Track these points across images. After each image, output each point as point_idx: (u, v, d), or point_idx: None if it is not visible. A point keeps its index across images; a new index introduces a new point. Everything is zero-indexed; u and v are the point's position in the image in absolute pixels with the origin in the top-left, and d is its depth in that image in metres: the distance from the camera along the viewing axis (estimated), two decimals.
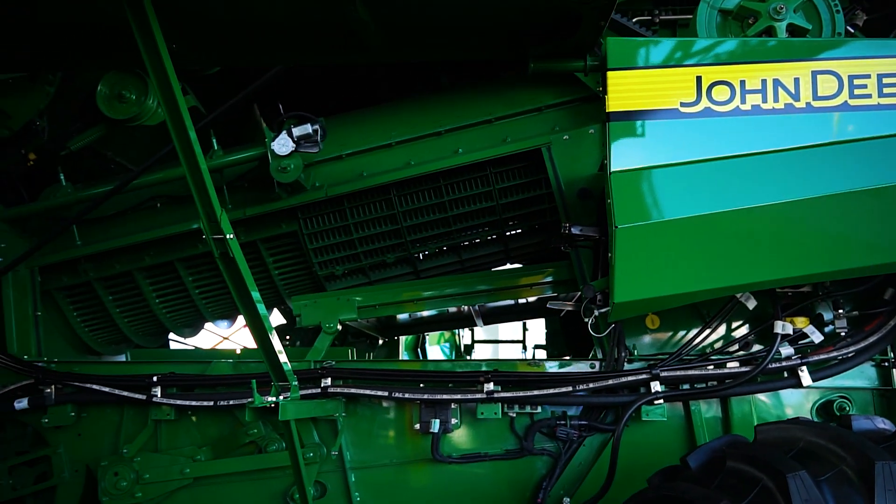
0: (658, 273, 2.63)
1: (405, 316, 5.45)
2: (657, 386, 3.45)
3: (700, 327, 3.59)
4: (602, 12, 2.74)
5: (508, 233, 4.12)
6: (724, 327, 3.64)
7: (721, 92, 2.67)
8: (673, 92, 2.66)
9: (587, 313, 3.25)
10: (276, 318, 5.81)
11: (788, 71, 2.67)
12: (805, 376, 3.40)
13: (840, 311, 3.49)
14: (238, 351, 4.83)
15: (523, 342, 7.33)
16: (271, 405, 2.80)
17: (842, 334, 3.48)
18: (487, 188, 3.88)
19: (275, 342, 2.81)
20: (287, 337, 5.64)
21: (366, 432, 3.79)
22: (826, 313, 3.50)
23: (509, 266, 4.58)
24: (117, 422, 3.86)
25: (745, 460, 2.42)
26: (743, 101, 2.66)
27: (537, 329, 6.99)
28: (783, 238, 2.68)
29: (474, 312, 4.94)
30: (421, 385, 3.66)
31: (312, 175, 3.87)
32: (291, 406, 2.86)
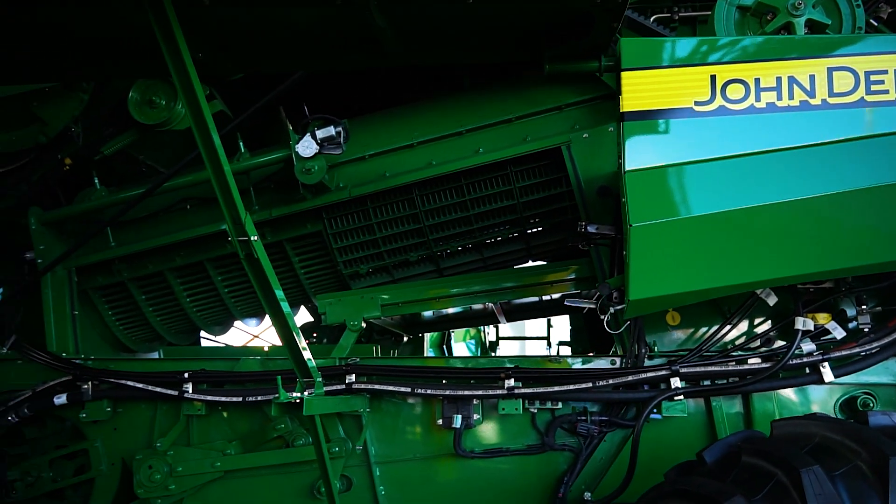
0: (672, 270, 2.65)
1: (429, 313, 5.51)
2: (677, 382, 3.48)
3: (720, 324, 3.60)
4: (614, 14, 2.78)
5: (530, 230, 4.15)
6: (745, 324, 3.65)
7: (735, 90, 2.68)
8: (687, 91, 2.68)
9: (603, 310, 3.28)
10: (304, 316, 5.92)
11: (803, 68, 2.67)
12: (827, 372, 3.39)
13: (863, 307, 3.48)
14: (266, 348, 4.95)
15: (548, 339, 7.36)
16: (296, 401, 2.88)
17: (865, 330, 3.47)
18: (508, 187, 3.92)
19: (299, 340, 2.89)
20: (314, 334, 5.74)
21: (390, 427, 3.87)
22: (849, 309, 3.49)
23: (532, 263, 4.62)
24: (151, 416, 3.98)
25: (760, 455, 2.44)
26: (758, 99, 2.67)
27: (562, 326, 7.02)
28: (799, 235, 2.69)
29: (497, 310, 4.98)
30: (443, 381, 3.72)
31: (336, 176, 3.94)
32: (315, 402, 2.94)
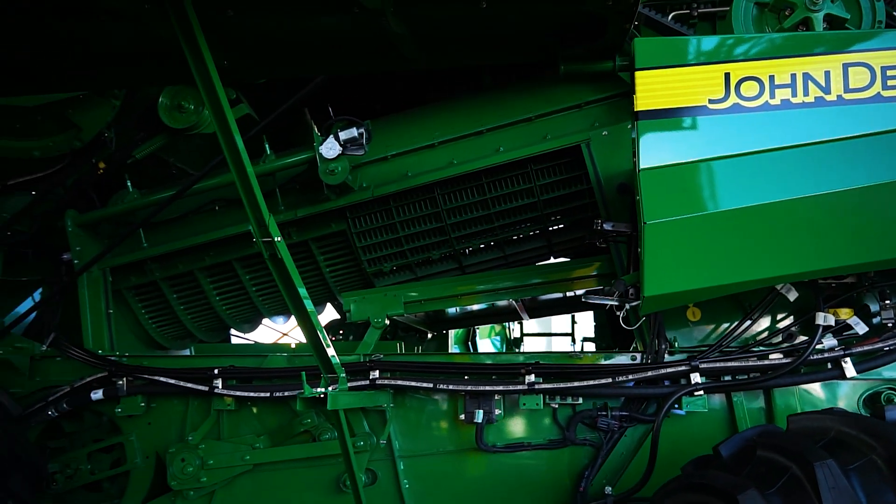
0: (687, 267, 2.68)
1: (453, 310, 5.57)
2: (696, 377, 3.49)
3: (740, 319, 3.61)
4: (626, 16, 2.81)
5: (551, 228, 4.18)
6: (766, 319, 3.65)
7: (750, 88, 2.69)
8: (701, 89, 2.70)
9: (620, 306, 3.31)
10: (330, 314, 6.02)
11: (818, 64, 2.68)
12: (849, 367, 3.38)
13: (886, 302, 3.45)
14: (293, 346, 5.06)
15: (572, 335, 7.38)
16: (321, 396, 2.97)
17: (888, 325, 3.45)
18: (529, 185, 3.96)
19: (323, 337, 2.97)
20: (340, 331, 5.85)
21: (413, 422, 3.94)
22: (872, 304, 3.46)
23: (554, 260, 4.65)
24: (183, 411, 4.09)
25: (775, 449, 2.46)
26: (772, 96, 2.68)
27: (587, 322, 7.03)
28: (814, 230, 2.70)
29: (519, 307, 5.02)
30: (465, 377, 3.78)
31: (359, 176, 4.01)
32: (339, 397, 3.02)
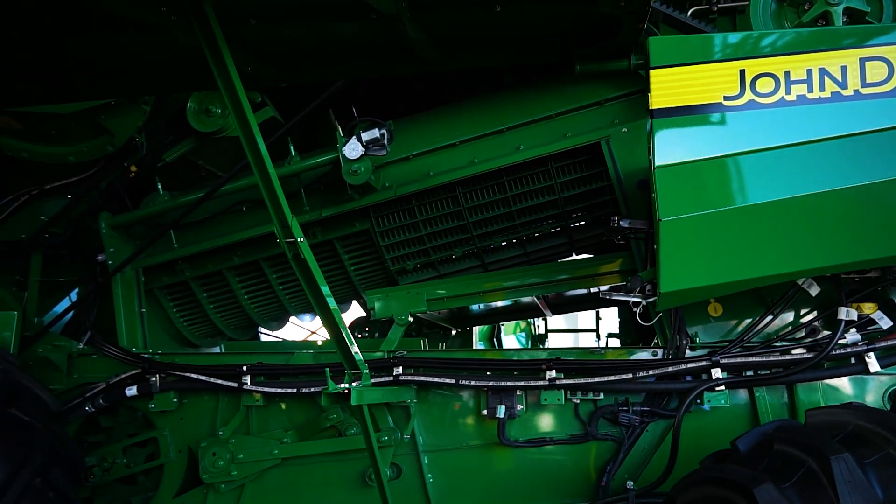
0: (702, 263, 2.70)
1: (477, 307, 5.62)
2: (717, 373, 3.50)
3: (761, 314, 3.60)
4: (639, 16, 2.83)
5: (572, 225, 4.21)
6: (788, 314, 3.64)
7: (765, 84, 2.70)
8: (716, 86, 2.71)
9: (638, 303, 3.34)
10: (356, 311, 6.12)
11: (835, 59, 2.67)
12: (872, 362, 3.36)
13: None
14: (319, 343, 5.15)
15: (597, 331, 7.39)
16: (344, 391, 3.04)
17: None
18: (549, 182, 3.99)
19: (346, 334, 3.05)
20: (366, 328, 5.94)
21: (437, 418, 4.00)
22: None
23: (576, 256, 4.67)
24: (214, 407, 4.18)
25: (792, 443, 2.47)
26: (788, 92, 2.68)
27: (611, 317, 7.04)
28: (831, 225, 2.69)
29: (541, 303, 5.05)
30: (488, 373, 3.84)
31: (382, 176, 4.08)
32: (363, 392, 3.09)
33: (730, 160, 2.69)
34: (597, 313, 7.28)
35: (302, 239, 2.70)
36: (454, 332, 6.02)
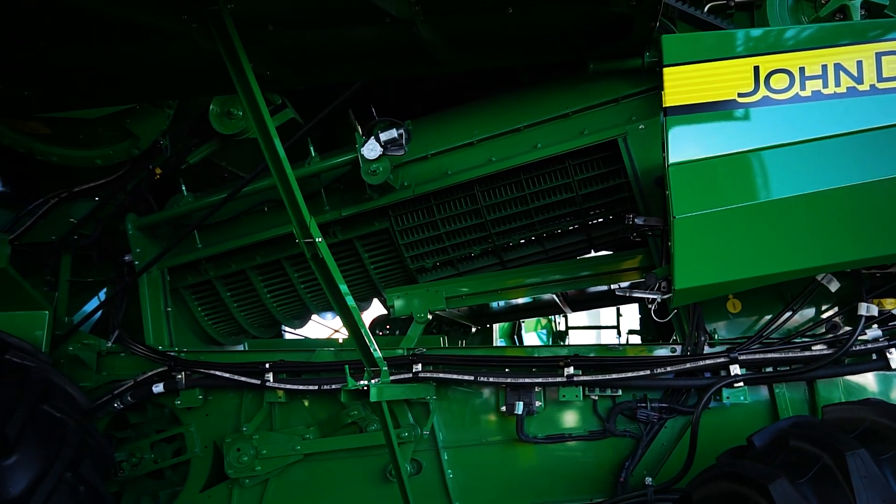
0: (716, 260, 2.71)
1: (496, 304, 5.65)
2: (736, 369, 3.50)
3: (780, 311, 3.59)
4: (651, 14, 2.84)
5: (591, 222, 4.21)
6: (807, 310, 3.63)
7: (779, 80, 2.69)
8: (730, 83, 2.71)
9: (653, 300, 3.35)
10: (378, 309, 6.17)
11: (850, 54, 2.66)
12: (894, 358, 3.35)
13: None
14: (341, 340, 5.22)
15: (617, 327, 7.38)
16: (363, 388, 3.10)
17: None
18: (567, 180, 3.99)
19: (364, 332, 3.10)
20: (387, 326, 5.99)
21: (457, 414, 4.04)
22: None
23: (595, 253, 4.68)
24: (238, 404, 4.25)
25: (808, 439, 2.48)
26: (803, 88, 2.68)
27: (632, 314, 7.02)
28: (850, 220, 2.69)
29: (560, 300, 5.07)
30: (506, 370, 3.87)
31: (401, 175, 4.11)
32: (381, 389, 3.14)
33: (744, 157, 2.70)
34: (617, 310, 7.27)
35: (320, 239, 2.75)
36: (474, 330, 6.05)
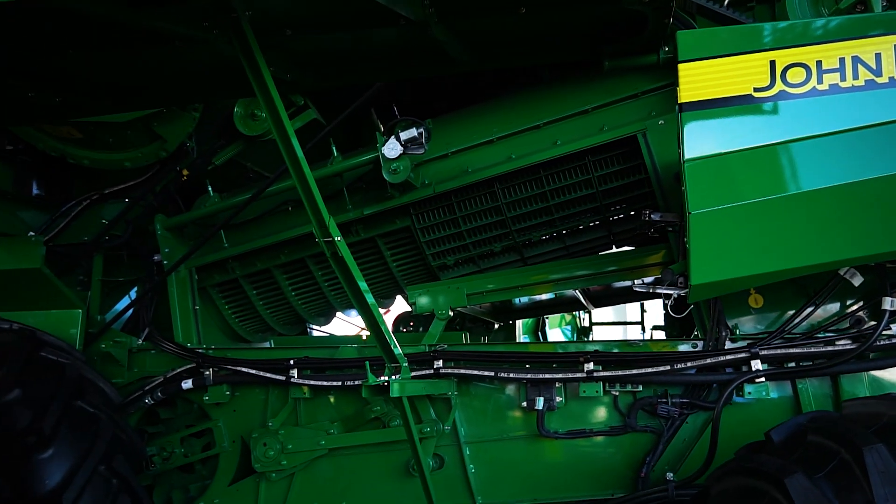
0: (733, 255, 2.71)
1: (518, 301, 5.67)
2: (757, 364, 3.48)
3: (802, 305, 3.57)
4: (664, 11, 2.84)
5: (611, 218, 4.22)
6: (831, 305, 3.60)
7: (796, 74, 2.68)
8: (746, 78, 2.71)
9: (669, 295, 3.34)
10: (401, 306, 6.23)
11: (868, 47, 2.63)
12: None
13: None
14: (364, 337, 5.28)
15: (642, 323, 7.35)
16: (384, 384, 3.15)
17: None
18: (587, 176, 4.00)
19: (384, 328, 3.15)
20: (411, 323, 6.05)
21: (478, 410, 4.08)
22: None
23: (617, 249, 4.67)
24: (264, 399, 4.34)
25: (826, 434, 2.47)
26: (820, 81, 2.66)
27: (657, 310, 6.99)
28: (870, 214, 2.67)
29: (582, 297, 5.07)
30: (527, 365, 3.90)
31: (421, 173, 4.15)
32: (403, 384, 3.19)
33: (760, 152, 2.69)
34: (641, 305, 7.25)
35: (339, 238, 2.81)
36: (496, 326, 6.08)
